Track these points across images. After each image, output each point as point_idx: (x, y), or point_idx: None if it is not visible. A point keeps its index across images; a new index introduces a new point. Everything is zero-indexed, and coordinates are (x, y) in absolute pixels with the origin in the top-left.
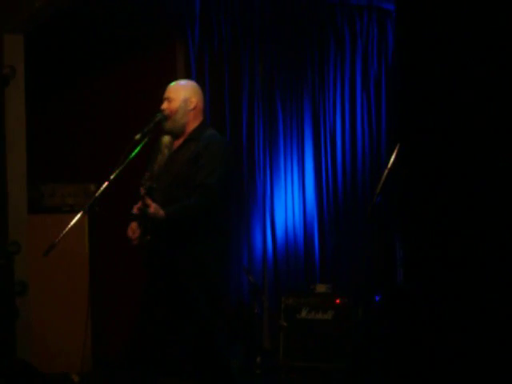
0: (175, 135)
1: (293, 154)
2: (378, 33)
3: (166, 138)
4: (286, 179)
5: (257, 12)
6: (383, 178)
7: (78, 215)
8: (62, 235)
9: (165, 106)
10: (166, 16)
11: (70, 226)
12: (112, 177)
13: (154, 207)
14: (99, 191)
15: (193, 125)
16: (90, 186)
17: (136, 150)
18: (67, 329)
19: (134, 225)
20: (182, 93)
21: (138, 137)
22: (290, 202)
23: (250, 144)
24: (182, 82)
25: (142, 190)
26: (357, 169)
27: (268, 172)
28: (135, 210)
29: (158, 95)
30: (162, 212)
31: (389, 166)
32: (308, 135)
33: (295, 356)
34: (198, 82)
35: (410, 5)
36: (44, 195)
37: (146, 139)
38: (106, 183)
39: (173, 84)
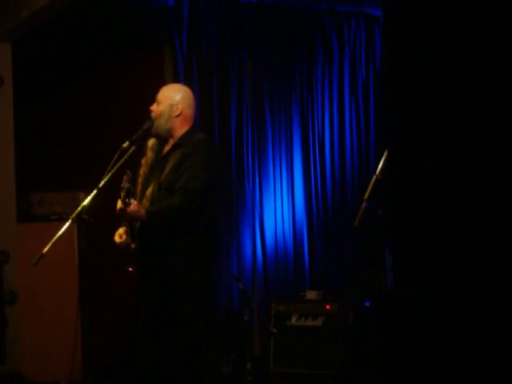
0: (161, 139)
1: (282, 160)
2: (366, 39)
3: (152, 141)
4: (274, 185)
5: (245, 19)
6: (372, 183)
7: (67, 224)
8: (50, 244)
9: (153, 107)
10: (153, 23)
11: (58, 234)
12: (100, 185)
13: (135, 205)
14: (88, 199)
15: (180, 131)
16: (78, 194)
17: (124, 158)
18: (57, 338)
19: (121, 230)
20: (170, 98)
21: (125, 145)
22: (279, 209)
23: (239, 150)
24: (173, 87)
25: (122, 193)
26: (345, 174)
27: (257, 178)
28: (118, 208)
29: (146, 103)
30: (142, 211)
31: (377, 171)
32: (297, 141)
33: (286, 363)
34: None
35: (398, 11)
36: (32, 204)
37: (133, 147)
38: (95, 191)
39: (164, 87)
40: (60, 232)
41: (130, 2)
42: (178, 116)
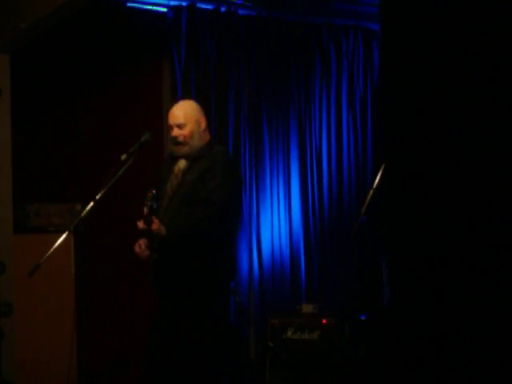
0: (192, 159)
1: (279, 173)
2: (364, 52)
3: (182, 164)
4: (272, 198)
5: (243, 31)
6: (369, 197)
7: (64, 235)
8: (47, 255)
9: (176, 132)
10: (152, 36)
11: (55, 245)
12: (98, 197)
13: (156, 223)
14: (85, 211)
15: (202, 144)
16: (75, 205)
17: (122, 171)
18: (52, 349)
19: (141, 241)
20: (193, 115)
21: (123, 157)
22: (276, 222)
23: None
24: (188, 104)
25: (145, 210)
26: (343, 188)
27: (254, 191)
28: (140, 226)
29: (144, 115)
30: (163, 230)
31: (374, 185)
32: (294, 154)
33: (282, 376)
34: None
35: (395, 25)
36: (29, 215)
37: (131, 159)
38: (92, 203)
39: (178, 108)
40: (57, 243)
41: (128, 13)
42: (203, 130)
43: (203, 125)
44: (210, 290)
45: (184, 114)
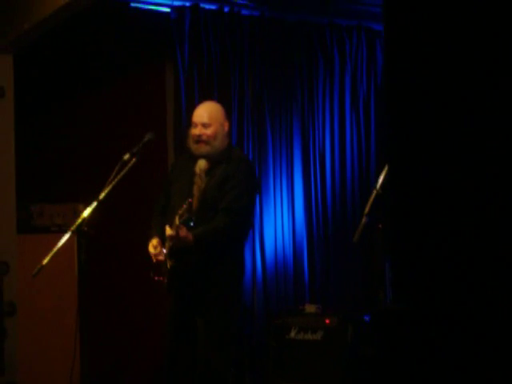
0: (212, 161)
1: (282, 174)
2: (367, 53)
3: (203, 164)
4: (275, 199)
5: (246, 32)
6: (372, 197)
7: (67, 235)
8: (50, 255)
9: (200, 131)
10: (155, 35)
11: (58, 246)
12: (101, 197)
13: (185, 231)
14: (88, 211)
15: (223, 147)
16: (78, 205)
17: (125, 170)
18: (55, 349)
19: (155, 241)
20: (218, 117)
21: (126, 157)
22: (280, 222)
23: None
24: (214, 106)
25: (177, 220)
26: (346, 189)
27: None
28: (168, 233)
29: (147, 115)
30: (190, 236)
31: (378, 185)
32: (297, 155)
33: (284, 376)
34: (187, 101)
35: (398, 25)
36: (33, 215)
37: (134, 159)
38: (95, 203)
39: (205, 108)
40: (60, 244)
41: (131, 13)
42: (226, 134)
43: (226, 128)
44: (227, 292)
45: (210, 114)
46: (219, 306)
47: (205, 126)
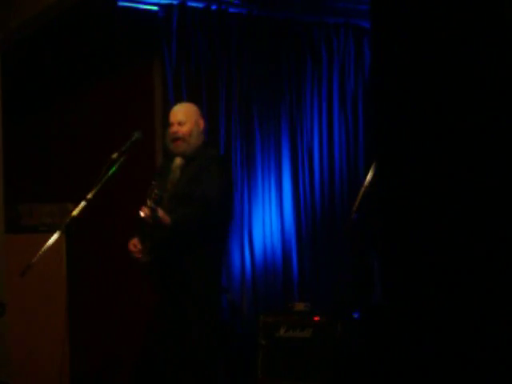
0: (187, 158)
1: (270, 171)
2: (355, 50)
3: (178, 160)
4: (263, 197)
5: (234, 30)
6: (360, 195)
7: (56, 235)
8: (38, 255)
9: (176, 129)
10: (143, 34)
11: (47, 245)
12: (89, 196)
13: (161, 212)
14: (76, 210)
15: (198, 144)
16: (67, 205)
17: (113, 169)
18: (45, 349)
19: (135, 240)
20: (193, 115)
21: (114, 156)
22: (268, 220)
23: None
24: (188, 105)
25: (149, 202)
26: (334, 185)
27: (246, 189)
28: (143, 214)
29: (135, 114)
30: (167, 218)
31: (366, 182)
32: (285, 152)
33: (274, 374)
34: (175, 100)
35: (386, 22)
36: (21, 215)
37: (122, 158)
38: (84, 202)
39: (180, 107)
40: (48, 243)
41: (119, 12)
42: (201, 132)
43: (201, 126)
44: (205, 285)
45: (185, 113)
46: (200, 298)
47: (180, 123)
